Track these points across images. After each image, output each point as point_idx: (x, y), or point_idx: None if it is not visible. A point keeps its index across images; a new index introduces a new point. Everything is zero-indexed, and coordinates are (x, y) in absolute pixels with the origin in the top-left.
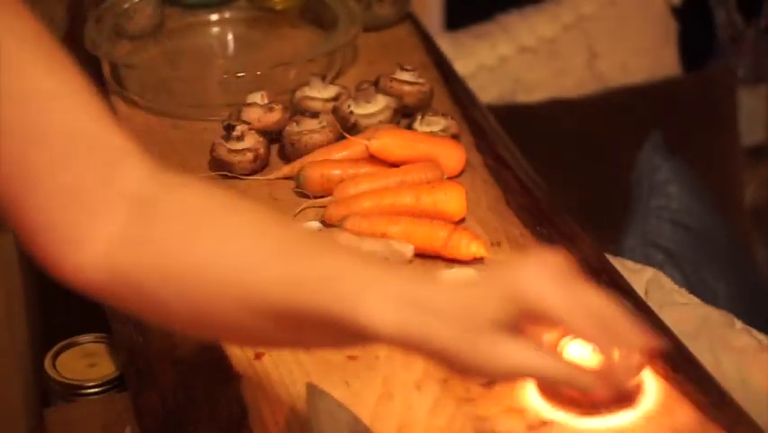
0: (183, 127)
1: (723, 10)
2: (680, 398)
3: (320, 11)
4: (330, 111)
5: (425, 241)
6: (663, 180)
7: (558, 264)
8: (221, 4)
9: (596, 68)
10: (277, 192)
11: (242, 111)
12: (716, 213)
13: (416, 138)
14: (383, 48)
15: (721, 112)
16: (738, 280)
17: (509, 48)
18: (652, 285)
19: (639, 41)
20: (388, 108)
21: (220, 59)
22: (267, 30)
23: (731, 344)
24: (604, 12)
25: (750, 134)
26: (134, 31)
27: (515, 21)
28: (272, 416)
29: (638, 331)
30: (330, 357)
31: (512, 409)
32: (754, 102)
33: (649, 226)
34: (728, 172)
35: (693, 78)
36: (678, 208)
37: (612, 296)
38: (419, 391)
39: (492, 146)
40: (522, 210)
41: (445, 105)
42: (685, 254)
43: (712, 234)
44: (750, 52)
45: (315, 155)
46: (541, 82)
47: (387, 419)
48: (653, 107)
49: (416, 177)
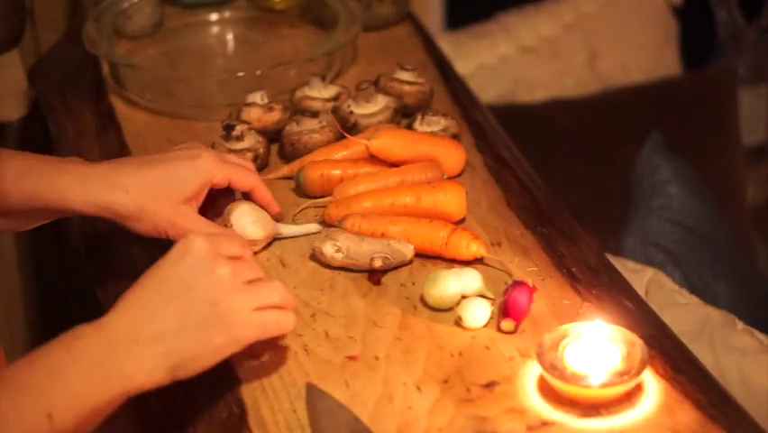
0: (183, 127)
1: (724, 9)
2: (680, 398)
3: (320, 11)
4: (330, 111)
5: (425, 241)
6: (664, 180)
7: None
8: (220, 3)
9: (596, 67)
10: (277, 192)
11: (242, 111)
12: (716, 213)
13: (416, 138)
14: (383, 48)
15: (722, 112)
16: (739, 280)
17: (509, 47)
18: (652, 285)
19: (639, 41)
20: (388, 108)
21: (220, 58)
22: (267, 30)
23: (732, 344)
24: (604, 11)
25: (751, 134)
26: (134, 30)
27: (515, 20)
28: (272, 416)
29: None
30: (330, 357)
31: (512, 409)
32: (754, 102)
33: (649, 226)
34: (729, 172)
35: (694, 77)
36: (678, 208)
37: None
38: (419, 392)
39: (492, 146)
40: (522, 210)
41: (445, 105)
42: (685, 254)
43: (713, 234)
44: (751, 52)
45: (314, 155)
46: (541, 82)
47: (386, 419)
48: (653, 107)
49: (416, 177)
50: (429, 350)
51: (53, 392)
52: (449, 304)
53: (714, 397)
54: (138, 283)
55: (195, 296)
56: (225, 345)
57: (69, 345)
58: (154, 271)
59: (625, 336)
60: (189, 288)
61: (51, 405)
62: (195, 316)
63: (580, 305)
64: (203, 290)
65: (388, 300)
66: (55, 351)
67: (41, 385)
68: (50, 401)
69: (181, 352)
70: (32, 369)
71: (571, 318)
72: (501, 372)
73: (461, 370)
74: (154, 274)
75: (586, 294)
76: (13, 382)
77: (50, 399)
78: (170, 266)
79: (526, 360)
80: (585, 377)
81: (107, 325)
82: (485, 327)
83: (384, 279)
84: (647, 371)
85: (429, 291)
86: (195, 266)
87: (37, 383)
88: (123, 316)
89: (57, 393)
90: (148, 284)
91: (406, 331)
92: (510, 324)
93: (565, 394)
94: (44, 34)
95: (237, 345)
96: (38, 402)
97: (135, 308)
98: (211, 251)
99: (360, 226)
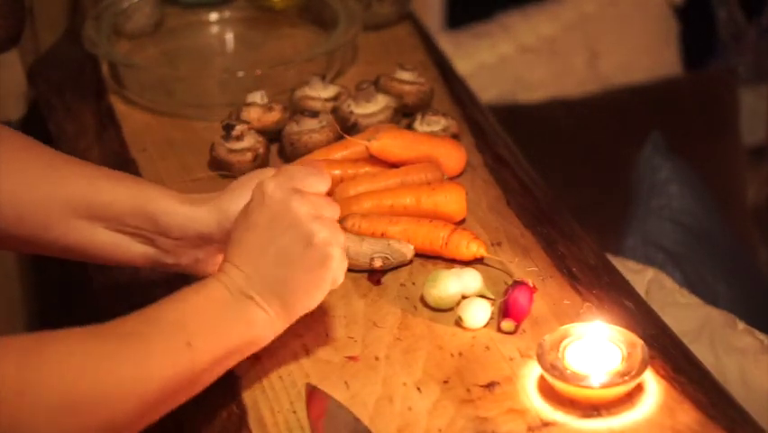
0: (182, 127)
1: (724, 9)
2: (681, 399)
3: (320, 10)
4: (330, 111)
5: (426, 241)
6: (664, 180)
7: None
8: (220, 3)
9: (597, 67)
10: None
11: (242, 111)
12: (717, 213)
13: (417, 138)
14: (383, 47)
15: (722, 111)
16: (740, 280)
17: (510, 47)
18: (653, 285)
19: (640, 41)
20: (388, 108)
21: (220, 58)
22: (266, 29)
23: (733, 344)
24: (605, 11)
25: (751, 134)
26: (133, 30)
27: (515, 20)
28: (272, 416)
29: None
30: (330, 358)
31: (513, 410)
32: (755, 101)
33: (650, 226)
34: (729, 172)
35: (694, 77)
36: (679, 208)
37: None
38: (419, 392)
39: (492, 146)
40: (522, 210)
41: (445, 105)
42: (686, 254)
43: (713, 233)
44: (752, 52)
45: (314, 155)
46: (541, 82)
47: (386, 419)
48: (653, 107)
49: (416, 177)
50: (429, 350)
51: (191, 326)
52: (449, 304)
53: (714, 397)
54: (233, 240)
55: (288, 240)
56: (325, 280)
57: (193, 298)
58: (244, 223)
59: (625, 337)
60: (279, 234)
61: (190, 335)
62: (293, 258)
63: (581, 305)
64: (292, 232)
65: (388, 300)
66: (180, 302)
67: (181, 319)
68: (189, 332)
69: (292, 296)
70: (163, 309)
71: (571, 319)
72: (501, 372)
73: (462, 370)
74: (245, 226)
75: (586, 294)
76: (153, 315)
77: (188, 330)
78: (256, 215)
79: (527, 360)
80: (585, 377)
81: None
82: (485, 327)
83: (384, 279)
84: (648, 371)
85: (429, 291)
86: (276, 210)
87: (176, 318)
88: (231, 273)
89: (193, 326)
90: (241, 239)
91: (406, 331)
92: (510, 324)
93: (566, 395)
94: (44, 34)
95: (335, 282)
96: (179, 332)
97: (242, 262)
98: (284, 189)
99: (360, 226)
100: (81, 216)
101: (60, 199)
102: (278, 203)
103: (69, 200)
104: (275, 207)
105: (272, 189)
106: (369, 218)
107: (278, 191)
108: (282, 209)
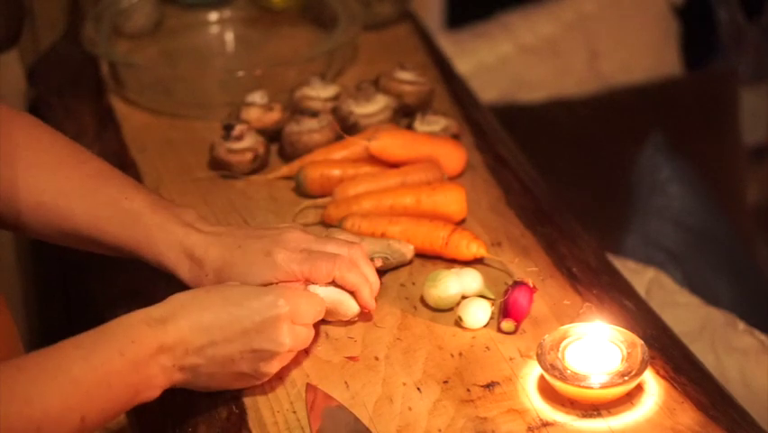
0: (182, 127)
1: (725, 9)
2: (681, 399)
3: (320, 10)
4: (330, 111)
5: (426, 241)
6: (664, 180)
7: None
8: (220, 3)
9: (597, 67)
10: (276, 192)
11: (242, 110)
12: (717, 213)
13: (417, 138)
14: (383, 47)
15: (723, 111)
16: (740, 280)
17: (510, 47)
18: (653, 285)
19: (640, 41)
20: (388, 108)
21: (219, 58)
22: (266, 29)
23: (733, 344)
24: (605, 11)
25: (752, 134)
26: (133, 30)
27: (515, 20)
28: (272, 416)
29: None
30: (330, 358)
31: (512, 410)
32: (756, 101)
33: (650, 226)
34: (730, 172)
35: (695, 77)
36: (679, 208)
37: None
38: (419, 392)
39: (492, 146)
40: (522, 210)
41: (446, 105)
42: (686, 254)
43: (714, 233)
44: (752, 51)
45: (314, 155)
46: (541, 81)
47: (386, 419)
48: (654, 107)
49: (416, 178)
50: (429, 350)
51: (86, 405)
52: (449, 304)
53: (715, 397)
54: (203, 302)
55: (243, 350)
56: (233, 387)
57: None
58: (228, 300)
59: (625, 337)
60: (244, 337)
61: (85, 412)
62: (232, 362)
63: (581, 305)
64: (256, 347)
65: (388, 300)
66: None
67: (77, 392)
68: (84, 409)
69: (201, 377)
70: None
71: (571, 319)
72: (501, 372)
73: (462, 370)
74: (225, 304)
75: (586, 294)
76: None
77: (83, 408)
78: (245, 307)
79: (527, 360)
80: (585, 378)
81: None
82: (485, 327)
83: (384, 279)
84: (648, 371)
85: (429, 291)
86: (260, 321)
87: (73, 389)
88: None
89: (88, 406)
90: (212, 308)
91: (406, 331)
92: (510, 324)
93: (566, 395)
94: (43, 34)
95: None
96: (73, 409)
97: (192, 328)
98: (288, 317)
99: (360, 227)
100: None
101: (65, 230)
102: (270, 319)
103: (76, 231)
104: (265, 316)
105: (275, 302)
106: (369, 218)
107: (276, 310)
108: (268, 325)
